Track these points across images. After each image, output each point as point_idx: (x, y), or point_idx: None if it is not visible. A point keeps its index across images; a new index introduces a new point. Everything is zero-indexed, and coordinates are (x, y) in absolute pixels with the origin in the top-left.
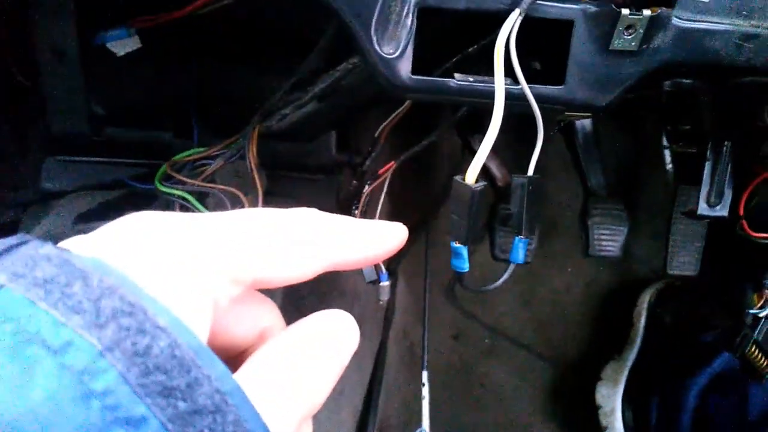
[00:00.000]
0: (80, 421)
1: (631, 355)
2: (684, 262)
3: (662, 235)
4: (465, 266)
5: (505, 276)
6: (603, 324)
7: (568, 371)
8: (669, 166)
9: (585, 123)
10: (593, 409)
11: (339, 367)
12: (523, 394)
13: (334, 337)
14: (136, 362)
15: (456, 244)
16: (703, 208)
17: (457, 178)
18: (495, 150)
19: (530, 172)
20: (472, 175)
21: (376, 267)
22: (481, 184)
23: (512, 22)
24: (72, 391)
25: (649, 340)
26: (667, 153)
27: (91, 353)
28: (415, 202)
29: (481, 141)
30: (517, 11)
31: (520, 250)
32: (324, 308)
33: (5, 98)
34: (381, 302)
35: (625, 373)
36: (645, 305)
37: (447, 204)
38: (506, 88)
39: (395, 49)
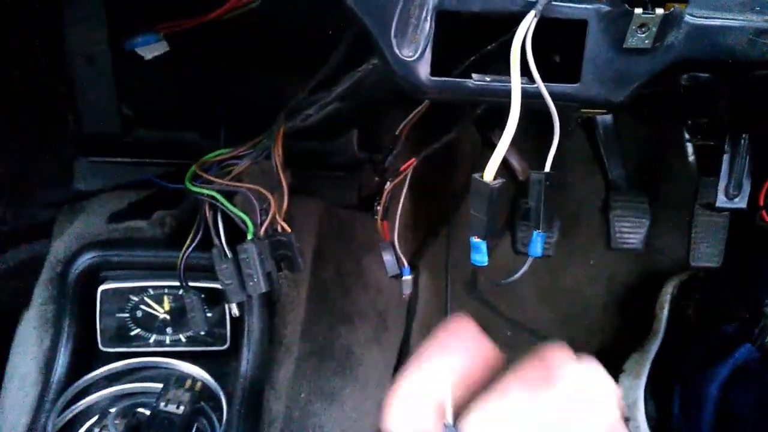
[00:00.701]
0: None
1: (654, 347)
2: (707, 253)
3: (685, 227)
4: (485, 260)
5: (523, 269)
6: (625, 316)
7: None
8: (691, 158)
9: (605, 116)
10: None
11: None
12: None
13: None
14: None
15: (475, 240)
16: (721, 200)
17: (476, 175)
18: (515, 144)
19: (547, 167)
20: (490, 172)
21: (398, 261)
22: (499, 181)
23: (527, 25)
24: None
25: (671, 332)
26: (689, 145)
27: None
28: (436, 198)
29: (500, 136)
30: (532, 13)
31: (538, 243)
32: (348, 301)
33: (39, 103)
34: (404, 296)
35: (648, 365)
36: (667, 297)
37: (467, 199)
38: (523, 87)
39: (414, 52)
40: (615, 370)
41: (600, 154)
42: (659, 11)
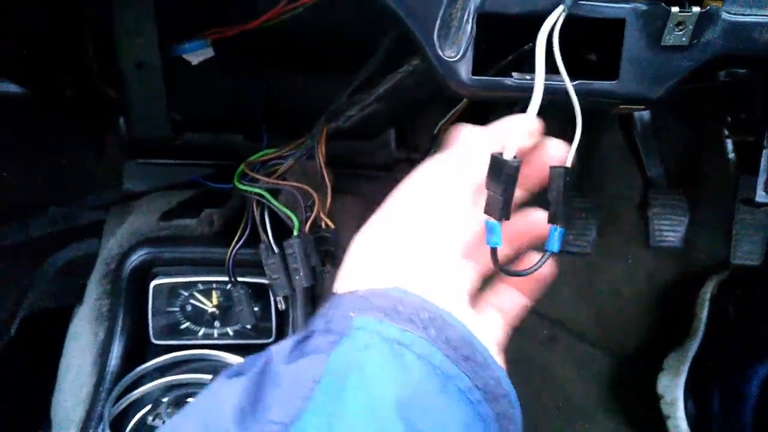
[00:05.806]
0: (424, 374)
1: (693, 346)
2: (748, 251)
3: (725, 225)
4: (498, 242)
5: (539, 264)
6: (664, 315)
7: (629, 362)
8: (731, 155)
9: (643, 113)
10: (655, 399)
11: None
12: (584, 384)
13: None
14: (449, 347)
15: (491, 221)
16: (761, 196)
17: (495, 153)
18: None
19: (569, 162)
20: (509, 152)
21: None
22: (518, 160)
23: (553, 20)
24: (421, 364)
25: (711, 331)
26: (729, 142)
27: (426, 345)
28: None
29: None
30: (560, 8)
31: (555, 238)
32: None
33: (90, 107)
34: None
35: (687, 363)
36: (707, 296)
37: None
38: (556, 85)
39: (456, 52)
40: (654, 368)
41: (638, 150)
42: (696, 9)
